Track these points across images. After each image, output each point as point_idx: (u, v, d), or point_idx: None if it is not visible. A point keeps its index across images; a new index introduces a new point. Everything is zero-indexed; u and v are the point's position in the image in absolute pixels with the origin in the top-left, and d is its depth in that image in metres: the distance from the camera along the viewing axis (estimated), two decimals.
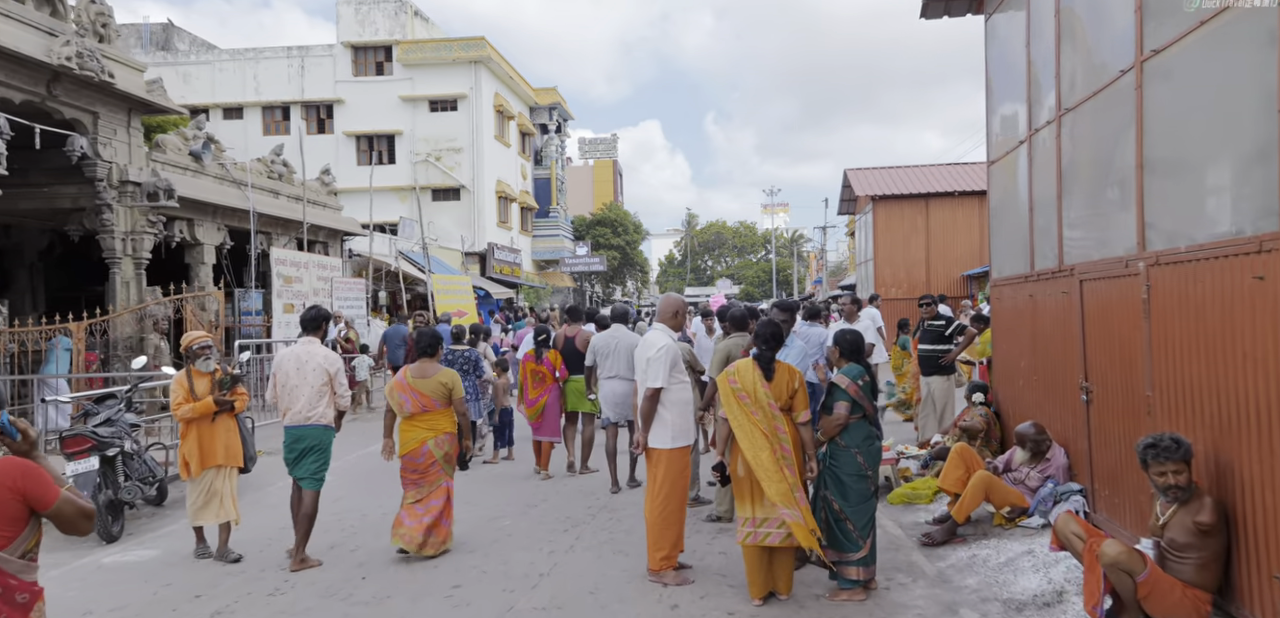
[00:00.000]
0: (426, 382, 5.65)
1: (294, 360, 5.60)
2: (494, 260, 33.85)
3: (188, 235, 15.01)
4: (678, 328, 5.34)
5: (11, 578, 2.25)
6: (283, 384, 5.61)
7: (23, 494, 2.27)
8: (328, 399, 5.58)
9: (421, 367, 5.72)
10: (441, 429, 5.66)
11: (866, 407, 4.55)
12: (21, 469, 2.30)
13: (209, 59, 37.23)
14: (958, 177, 21.34)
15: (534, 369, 8.39)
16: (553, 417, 8.41)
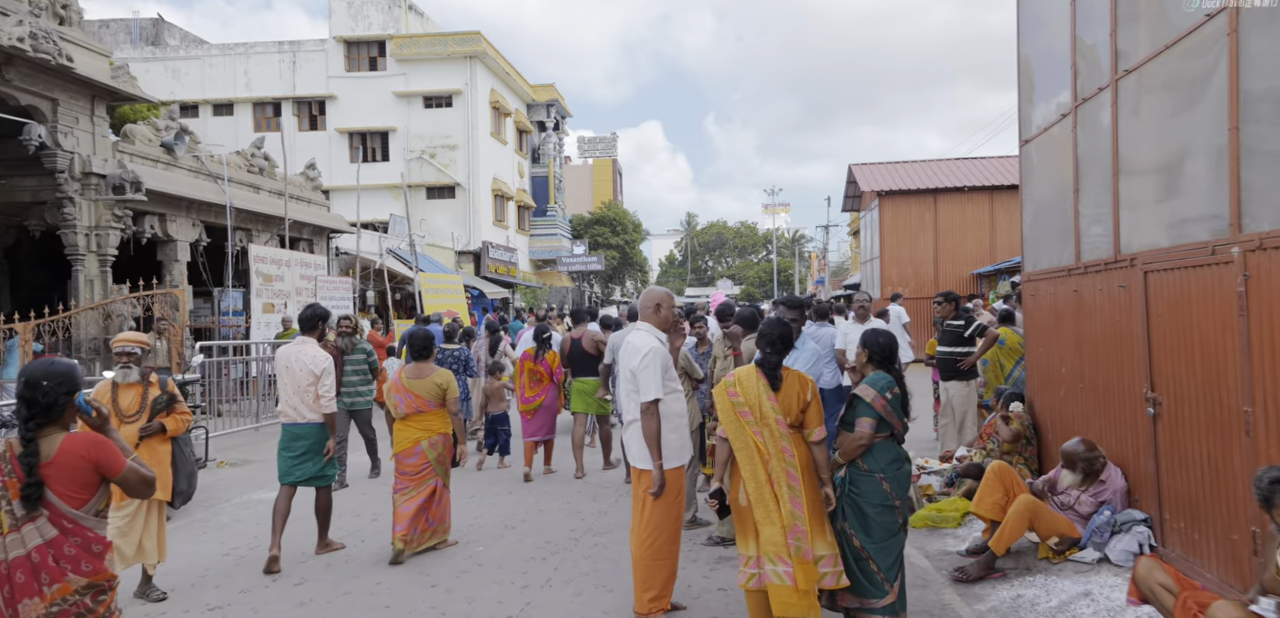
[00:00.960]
0: (421, 383, 5.65)
1: (285, 359, 5.69)
2: (489, 259, 33.09)
3: (159, 231, 14.25)
4: (665, 327, 4.50)
5: (88, 532, 2.74)
6: (279, 382, 5.74)
7: (95, 463, 2.73)
8: (315, 399, 5.58)
9: (416, 368, 5.72)
10: (435, 430, 5.67)
11: (895, 424, 3.77)
12: (95, 442, 2.76)
13: (199, 54, 36.48)
14: (967, 171, 20.56)
15: (532, 368, 8.30)
16: (545, 417, 8.29)
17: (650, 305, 4.50)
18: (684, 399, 4.46)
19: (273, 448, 6.15)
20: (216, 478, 8.74)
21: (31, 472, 2.61)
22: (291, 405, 5.59)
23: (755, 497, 3.72)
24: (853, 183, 22.57)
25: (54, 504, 2.65)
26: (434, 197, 35.19)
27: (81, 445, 2.72)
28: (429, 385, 5.65)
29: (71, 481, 2.68)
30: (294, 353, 5.64)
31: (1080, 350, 5.06)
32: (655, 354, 4.25)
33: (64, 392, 2.71)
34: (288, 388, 5.60)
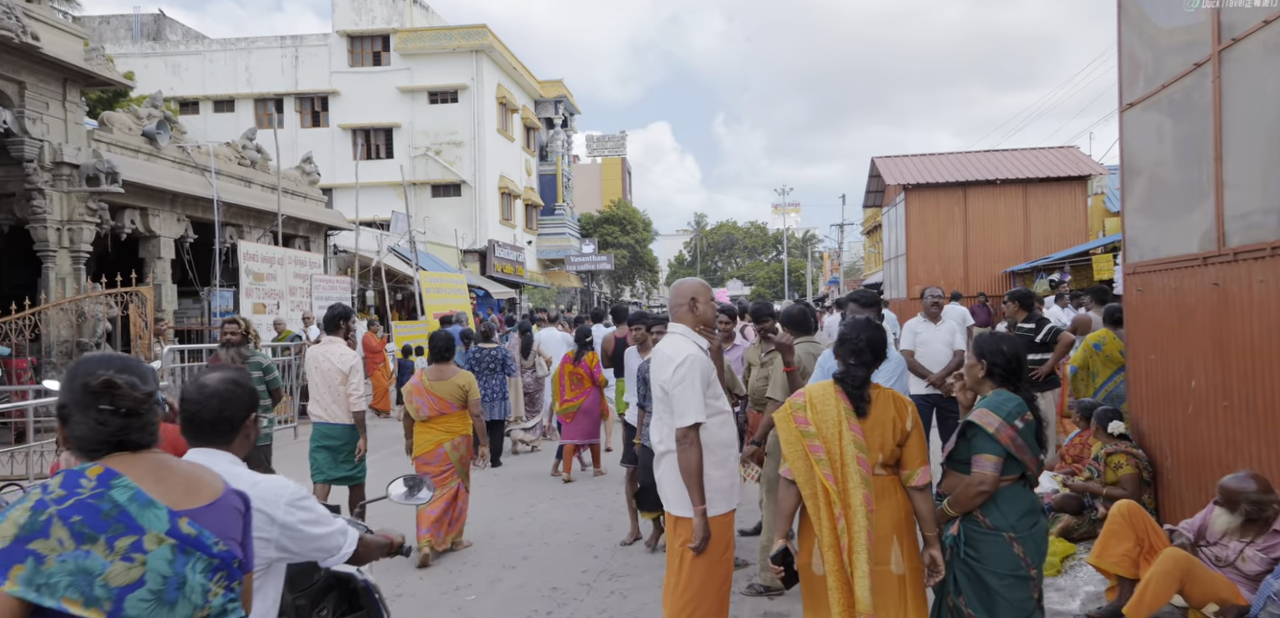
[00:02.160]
0: (443, 385, 5.63)
1: (313, 360, 5.76)
2: (495, 258, 32.14)
3: (140, 226, 13.32)
4: (704, 327, 3.45)
5: None
6: (310, 382, 5.79)
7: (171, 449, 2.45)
8: (343, 399, 5.59)
9: (438, 369, 5.72)
10: (457, 432, 5.66)
11: (1027, 463, 2.76)
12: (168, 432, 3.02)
13: (199, 49, 35.72)
14: (998, 164, 19.45)
15: (572, 371, 8.11)
16: (585, 421, 8.09)
17: (683, 300, 3.44)
18: (732, 423, 3.44)
19: None
20: None
21: None
22: (323, 405, 5.64)
23: (831, 565, 2.72)
24: (876, 176, 21.49)
25: None
26: (439, 195, 34.30)
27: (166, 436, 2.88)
28: (451, 387, 5.62)
29: None
30: (323, 353, 5.71)
31: (1225, 358, 4.02)
32: (693, 364, 3.23)
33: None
34: (320, 388, 5.67)
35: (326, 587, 2.77)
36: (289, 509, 2.07)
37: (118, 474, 1.60)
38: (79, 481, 1.57)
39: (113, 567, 1.51)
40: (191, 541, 1.60)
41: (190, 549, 1.60)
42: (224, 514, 1.70)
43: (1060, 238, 18.05)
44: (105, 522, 1.53)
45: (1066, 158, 19.33)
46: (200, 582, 1.59)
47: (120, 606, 1.49)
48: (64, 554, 1.48)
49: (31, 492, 1.58)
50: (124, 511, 1.56)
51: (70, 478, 1.57)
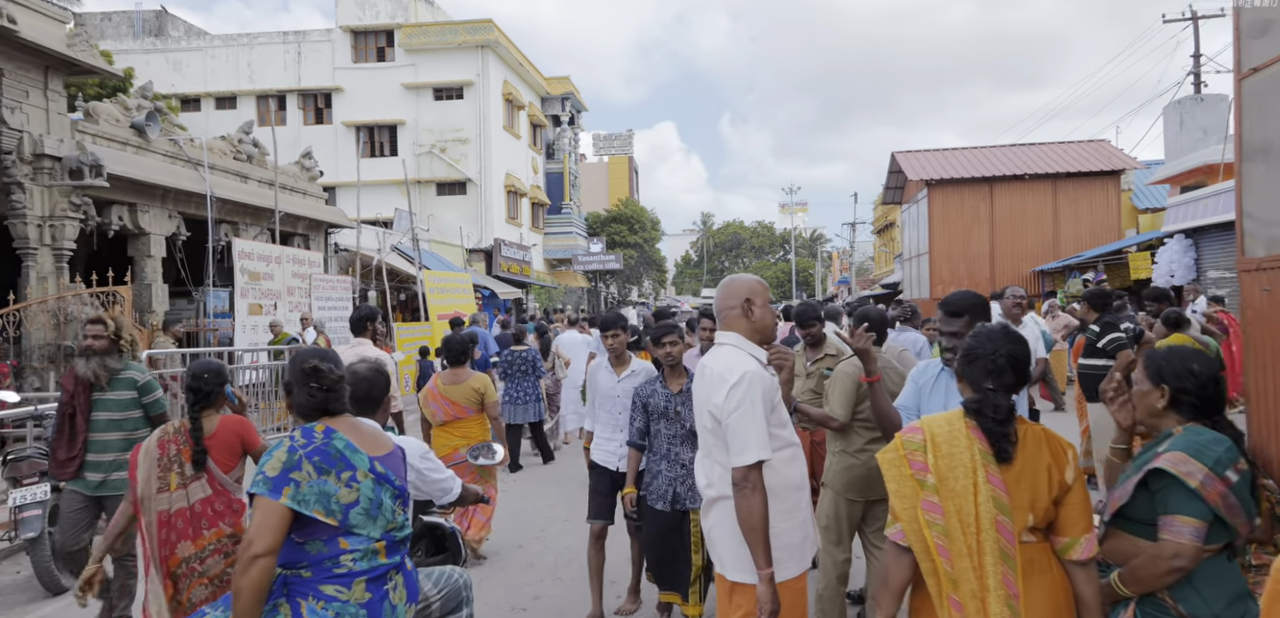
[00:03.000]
0: (457, 388, 5.58)
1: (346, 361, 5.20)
2: (501, 258, 31.45)
3: (129, 223, 12.67)
4: (764, 336, 2.70)
5: (231, 494, 3.43)
6: None
7: (241, 438, 3.51)
8: None
9: (453, 374, 5.64)
10: (474, 437, 5.54)
11: (1239, 526, 2.02)
12: (241, 422, 3.55)
13: (201, 46, 35.14)
14: (1026, 158, 18.65)
15: None
16: None
17: (735, 302, 2.67)
18: (801, 459, 2.71)
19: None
20: None
21: (199, 442, 3.34)
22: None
23: None
24: (896, 172, 20.71)
25: (211, 470, 3.37)
26: (444, 193, 33.65)
27: (233, 424, 3.50)
28: (466, 391, 5.56)
29: (225, 451, 3.43)
30: (352, 354, 5.46)
31: None
32: (752, 384, 2.50)
33: (218, 383, 3.47)
34: None
35: (419, 534, 3.52)
36: (421, 460, 3.09)
37: (334, 430, 2.36)
38: (312, 434, 2.34)
39: (341, 491, 2.30)
40: (383, 476, 2.39)
41: (383, 482, 2.39)
42: (396, 461, 2.49)
43: (1091, 235, 17.28)
44: (333, 461, 2.31)
45: (1097, 152, 18.53)
46: (389, 504, 2.40)
47: (346, 516, 2.30)
48: (311, 482, 2.26)
49: (283, 441, 2.31)
50: (342, 454, 2.33)
51: (307, 433, 2.34)
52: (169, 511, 3.23)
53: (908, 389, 3.07)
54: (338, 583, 2.30)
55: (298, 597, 2.29)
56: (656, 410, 4.00)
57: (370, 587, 2.34)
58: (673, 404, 3.96)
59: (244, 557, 2.18)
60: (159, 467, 3.28)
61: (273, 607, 2.27)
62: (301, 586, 2.31)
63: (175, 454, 3.30)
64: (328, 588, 2.29)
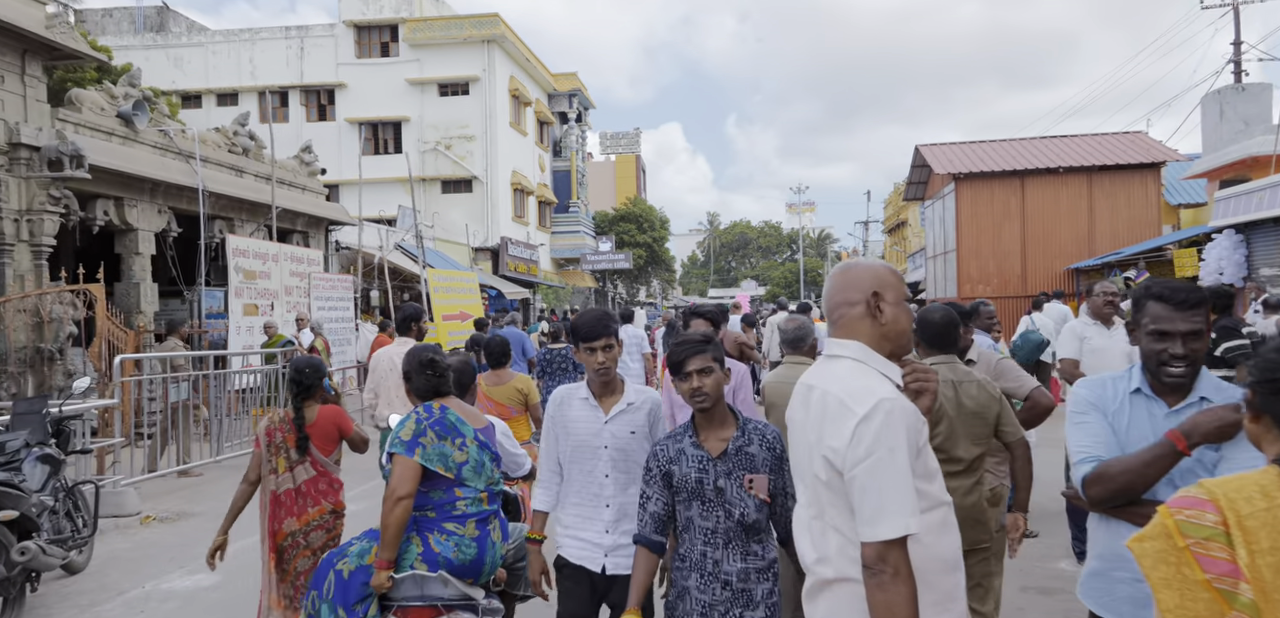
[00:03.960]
0: (501, 389, 5.54)
1: (389, 361, 5.71)
2: (507, 256, 30.72)
3: (115, 218, 11.96)
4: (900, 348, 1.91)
5: (331, 475, 3.85)
6: (380, 384, 5.72)
7: (338, 425, 3.89)
8: None
9: (495, 374, 5.64)
10: (519, 437, 5.41)
11: None
12: (337, 412, 3.93)
13: (201, 41, 34.54)
14: (1059, 150, 17.80)
15: None
16: None
17: (858, 297, 1.88)
18: (954, 524, 1.92)
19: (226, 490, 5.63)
20: (129, 544, 6.32)
21: (301, 429, 3.76)
22: (394, 408, 5.58)
23: None
24: (920, 166, 19.88)
25: (314, 453, 3.79)
26: (449, 191, 32.95)
27: (331, 412, 3.89)
28: (509, 391, 5.52)
29: (324, 437, 3.83)
30: (398, 354, 5.63)
31: None
32: (892, 420, 1.70)
33: (317, 377, 3.86)
34: (392, 390, 5.67)
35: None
36: (503, 438, 3.63)
37: (447, 407, 3.12)
38: (431, 410, 3.09)
39: (454, 453, 3.03)
40: (484, 444, 3.14)
41: (484, 449, 3.14)
42: (490, 433, 3.24)
43: (1129, 231, 16.44)
44: (448, 430, 3.05)
45: (1134, 143, 17.69)
46: (489, 464, 3.14)
47: (459, 472, 3.02)
48: (433, 445, 2.99)
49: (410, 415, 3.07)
50: (454, 425, 3.08)
51: (428, 409, 3.09)
52: (277, 490, 3.71)
53: (1090, 423, 2.16)
54: (455, 522, 2.99)
55: (426, 532, 2.98)
56: (687, 486, 2.52)
57: (478, 526, 3.03)
58: (711, 476, 2.48)
59: (389, 500, 2.88)
60: (268, 452, 3.77)
61: (408, 540, 2.96)
62: (428, 524, 2.99)
63: (281, 441, 3.76)
64: (448, 525, 2.99)
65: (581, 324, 2.94)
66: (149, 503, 7.34)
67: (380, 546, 2.91)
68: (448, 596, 2.96)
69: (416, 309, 6.07)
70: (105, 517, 6.68)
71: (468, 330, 14.62)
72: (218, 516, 7.12)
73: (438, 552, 2.96)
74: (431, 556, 2.95)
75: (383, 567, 2.89)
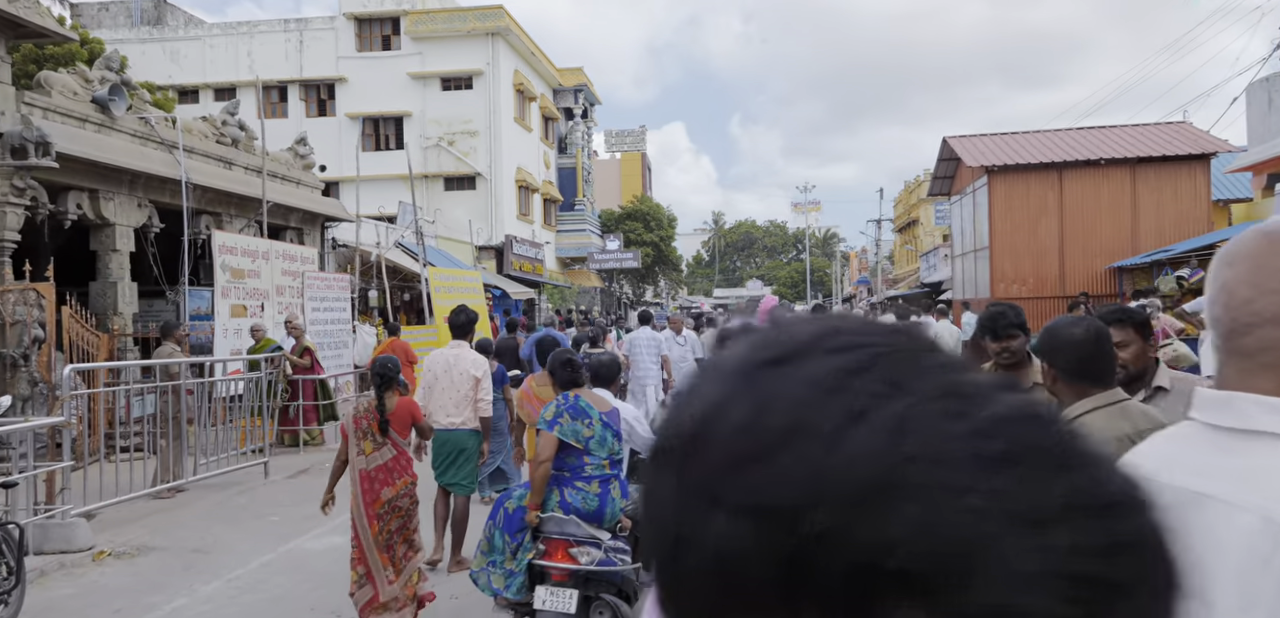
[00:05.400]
0: (549, 390, 5.23)
1: (443, 363, 5.75)
2: (512, 255, 29.79)
3: (89, 211, 11.03)
4: None
5: (406, 454, 4.50)
6: (429, 386, 5.73)
7: (411, 414, 4.65)
8: (472, 404, 5.65)
9: (545, 375, 5.39)
10: None
11: None
12: (410, 403, 4.71)
13: (198, 34, 33.72)
14: (1100, 142, 16.78)
15: None
16: None
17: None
18: None
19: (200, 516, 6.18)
20: (74, 588, 5.36)
21: (383, 416, 4.40)
22: (447, 411, 5.63)
23: None
24: (948, 159, 18.87)
25: (393, 437, 4.44)
26: (452, 188, 32.05)
27: (406, 403, 4.63)
28: None
29: (401, 423, 4.53)
30: (453, 358, 5.71)
31: None
32: None
33: (396, 372, 4.55)
34: (446, 393, 5.65)
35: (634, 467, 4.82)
36: (634, 420, 4.56)
37: (579, 396, 4.11)
38: (567, 397, 4.09)
39: (583, 430, 3.97)
40: (607, 423, 4.07)
41: (607, 427, 4.05)
42: (615, 416, 4.18)
43: (1175, 227, 15.43)
44: (579, 412, 4.03)
45: (1180, 134, 16.67)
46: (611, 439, 4.04)
47: (587, 444, 3.95)
48: (568, 423, 4.00)
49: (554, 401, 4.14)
50: (584, 409, 4.03)
51: (564, 397, 4.10)
52: (368, 468, 4.33)
53: None
54: (583, 481, 4.05)
55: (562, 487, 4.05)
56: None
57: (600, 485, 4.07)
58: None
59: (535, 462, 4.10)
60: (356, 436, 4.37)
61: (550, 491, 4.05)
62: (564, 481, 4.06)
63: (366, 427, 4.37)
64: (578, 483, 4.05)
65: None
66: (107, 533, 6.41)
67: (531, 494, 4.07)
68: (578, 534, 4.00)
69: (473, 314, 6.14)
70: (50, 553, 5.74)
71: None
72: (184, 547, 6.16)
73: (570, 501, 4.03)
74: (566, 504, 4.03)
75: (533, 509, 4.04)
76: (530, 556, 4.00)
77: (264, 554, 6.01)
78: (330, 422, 11.10)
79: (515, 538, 4.06)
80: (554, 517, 3.99)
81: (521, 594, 3.99)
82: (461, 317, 5.92)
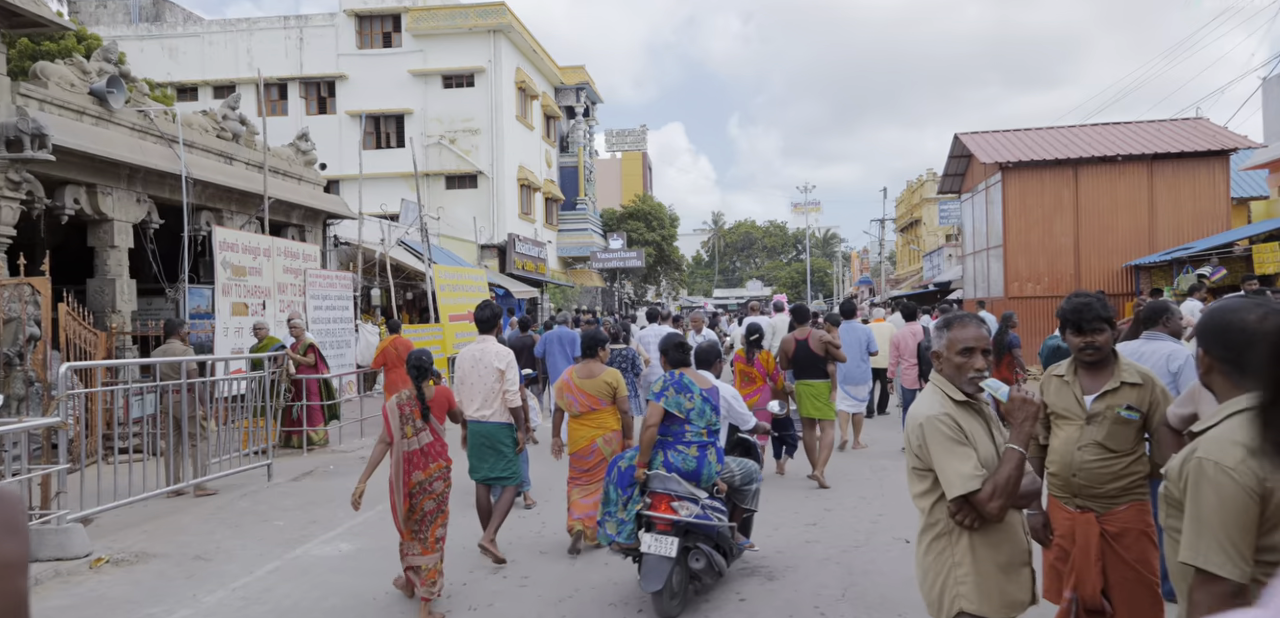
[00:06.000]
0: (591, 381, 5.80)
1: (471, 358, 5.80)
2: (515, 254, 29.48)
3: (87, 207, 10.73)
4: None
5: (442, 439, 4.86)
6: (461, 380, 5.79)
7: (448, 402, 4.96)
8: (500, 396, 5.68)
9: (586, 367, 5.89)
10: (608, 428, 5.82)
11: None
12: (446, 392, 4.98)
13: (197, 31, 33.41)
14: (1117, 138, 16.50)
15: (743, 370, 7.95)
16: None
17: None
18: None
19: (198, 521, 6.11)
20: (69, 599, 5.06)
21: (424, 403, 4.76)
22: (476, 404, 5.66)
23: None
24: (959, 156, 18.58)
25: (432, 423, 4.80)
26: (454, 186, 31.75)
27: (443, 392, 4.94)
28: (599, 384, 5.78)
29: (438, 411, 4.85)
30: (479, 353, 5.75)
31: None
32: None
33: (431, 364, 4.87)
34: (475, 387, 5.69)
35: (737, 443, 5.50)
36: (732, 398, 5.10)
37: (684, 373, 4.87)
38: (674, 375, 4.87)
39: (685, 402, 4.73)
40: (706, 398, 4.76)
41: (706, 402, 4.75)
42: (715, 393, 4.83)
43: (1194, 225, 15.16)
44: (682, 388, 4.79)
45: (1198, 130, 16.39)
46: (709, 412, 4.73)
47: (688, 415, 4.70)
48: (673, 396, 4.76)
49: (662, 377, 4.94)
50: (688, 385, 4.80)
51: (671, 374, 4.89)
52: (408, 450, 4.71)
53: None
54: (683, 445, 4.67)
55: (665, 450, 4.68)
56: None
57: (698, 450, 4.66)
58: None
59: (643, 428, 4.75)
60: (399, 422, 4.75)
61: (655, 452, 4.68)
62: (667, 445, 4.69)
63: (408, 414, 4.76)
64: (679, 447, 4.67)
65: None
66: (105, 539, 6.11)
67: (639, 455, 4.71)
68: (678, 490, 4.53)
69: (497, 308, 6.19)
70: (46, 561, 5.45)
71: None
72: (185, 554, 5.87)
73: (672, 462, 4.62)
74: (668, 464, 4.62)
75: (641, 467, 4.66)
76: (638, 507, 4.65)
77: (270, 561, 5.72)
78: (335, 422, 10.81)
79: (625, 492, 4.74)
80: (658, 474, 4.62)
81: (631, 539, 4.62)
82: (486, 312, 5.99)
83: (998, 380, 2.53)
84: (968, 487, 2.36)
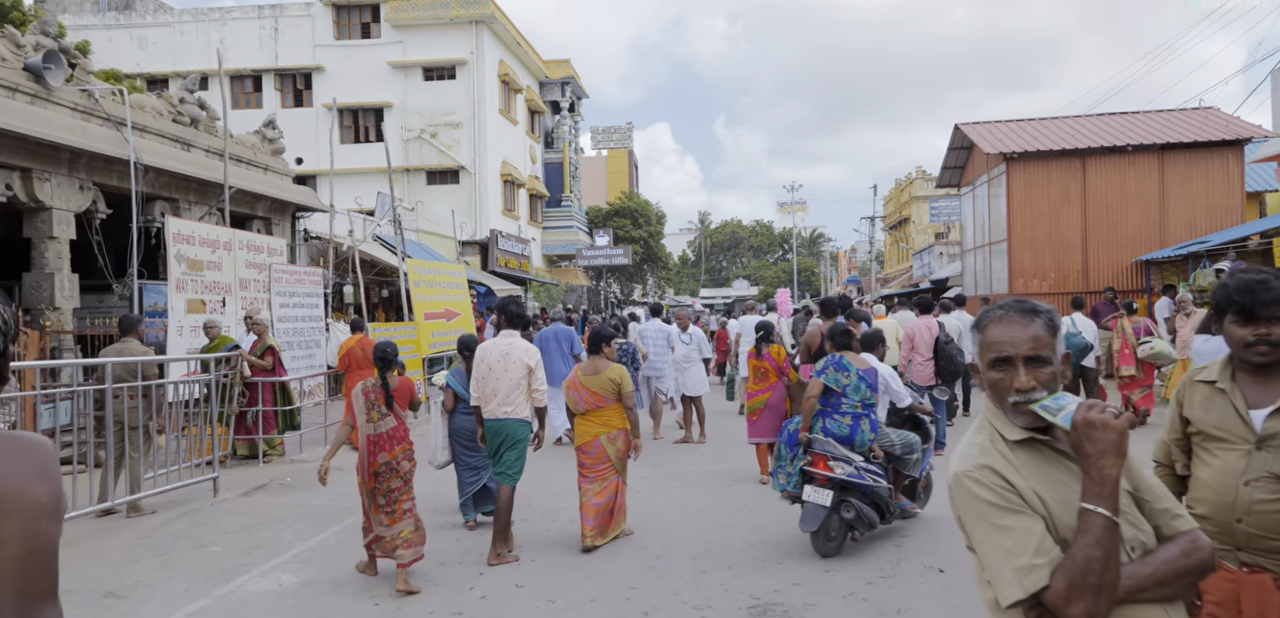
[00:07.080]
0: (596, 379, 5.82)
1: (497, 353, 5.74)
2: (498, 251, 28.56)
3: (21, 194, 9.77)
4: None
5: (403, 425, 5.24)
6: (483, 377, 5.71)
7: (410, 391, 5.36)
8: (525, 393, 5.67)
9: (592, 363, 5.90)
10: (614, 425, 5.82)
11: None
12: (408, 382, 5.41)
13: (168, 21, 32.22)
14: (1126, 127, 15.84)
15: (755, 364, 7.89)
16: (770, 417, 7.71)
17: None
18: None
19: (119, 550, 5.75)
20: None
21: (387, 391, 5.15)
22: (497, 401, 5.62)
23: None
24: (961, 147, 17.87)
25: (395, 409, 5.18)
26: (435, 182, 30.80)
27: (406, 382, 5.37)
28: (604, 381, 5.78)
29: (401, 398, 5.25)
30: (507, 348, 5.70)
31: None
32: None
33: (395, 354, 5.28)
34: (501, 382, 5.64)
35: (907, 417, 6.24)
36: (889, 377, 5.88)
37: (844, 356, 5.75)
38: (835, 357, 5.77)
39: (842, 379, 5.63)
40: (862, 376, 5.65)
41: (862, 380, 5.63)
42: (872, 373, 5.72)
43: (1207, 218, 14.53)
44: (842, 366, 5.68)
45: (1209, 119, 15.77)
46: (865, 388, 5.62)
47: (845, 389, 5.61)
48: (832, 374, 5.66)
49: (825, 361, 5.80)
50: (846, 365, 5.68)
51: (833, 356, 5.78)
52: (374, 434, 5.09)
53: None
54: (840, 415, 5.53)
55: (825, 417, 5.54)
56: None
57: (852, 420, 5.49)
58: None
59: (807, 396, 5.66)
60: (364, 407, 5.14)
61: (816, 419, 5.57)
62: (826, 414, 5.55)
63: (373, 400, 5.15)
64: (836, 416, 5.53)
65: None
66: None
67: (802, 421, 5.67)
68: (835, 452, 5.45)
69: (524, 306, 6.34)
70: None
71: (455, 331, 12.49)
72: (95, 591, 4.99)
73: (829, 428, 5.56)
74: (826, 429, 5.56)
75: (804, 430, 5.61)
76: (802, 463, 5.57)
77: (195, 599, 4.84)
78: (292, 431, 9.90)
79: (792, 450, 5.70)
80: (818, 438, 5.53)
81: (796, 489, 5.58)
82: (513, 308, 6.08)
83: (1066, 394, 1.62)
84: (1025, 587, 1.50)
